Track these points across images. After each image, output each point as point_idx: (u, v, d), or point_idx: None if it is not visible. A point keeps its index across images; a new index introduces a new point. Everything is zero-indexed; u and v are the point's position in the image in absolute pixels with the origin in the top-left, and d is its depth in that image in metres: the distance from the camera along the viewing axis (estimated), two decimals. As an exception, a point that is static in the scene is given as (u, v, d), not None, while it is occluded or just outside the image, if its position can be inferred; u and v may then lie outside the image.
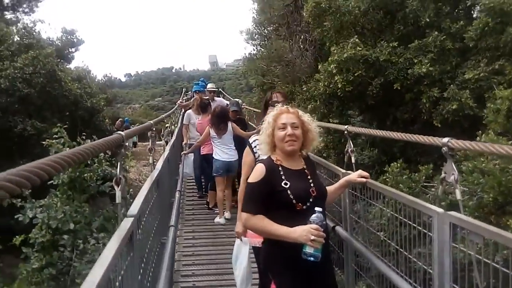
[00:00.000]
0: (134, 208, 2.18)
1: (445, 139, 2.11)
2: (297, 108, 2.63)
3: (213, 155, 6.15)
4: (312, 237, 2.07)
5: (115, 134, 1.94)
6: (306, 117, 2.43)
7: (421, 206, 2.16)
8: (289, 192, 2.23)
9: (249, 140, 3.09)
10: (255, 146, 2.97)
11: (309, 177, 2.38)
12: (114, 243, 1.64)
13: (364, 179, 2.66)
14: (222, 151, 6.08)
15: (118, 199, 1.98)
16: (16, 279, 6.55)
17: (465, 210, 2.55)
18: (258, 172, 2.31)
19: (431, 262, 2.16)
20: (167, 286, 2.85)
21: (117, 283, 1.60)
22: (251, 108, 13.25)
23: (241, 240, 3.24)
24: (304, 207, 2.22)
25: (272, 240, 2.29)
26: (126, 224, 1.91)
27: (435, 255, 2.06)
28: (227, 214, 6.28)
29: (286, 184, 2.25)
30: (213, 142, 6.20)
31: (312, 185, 2.35)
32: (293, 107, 2.49)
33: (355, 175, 2.70)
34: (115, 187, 1.95)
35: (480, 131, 6.02)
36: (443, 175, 2.16)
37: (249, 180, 2.33)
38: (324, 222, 2.18)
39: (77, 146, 5.31)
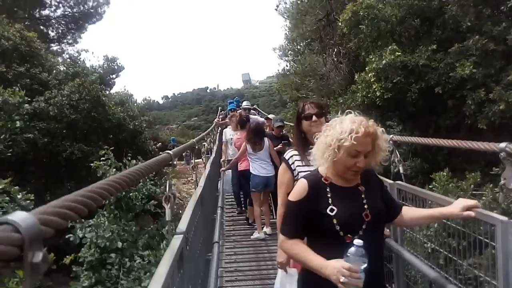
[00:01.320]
0: (182, 225, 2.21)
1: (503, 144, 2.00)
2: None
3: (251, 171, 6.17)
4: (343, 279, 1.63)
5: (163, 153, 1.99)
6: (379, 129, 1.90)
7: (481, 214, 2.04)
8: (335, 220, 1.80)
9: (285, 155, 2.61)
10: (292, 163, 2.55)
11: (363, 195, 1.91)
12: (166, 261, 1.66)
13: (472, 213, 1.86)
14: (260, 167, 6.09)
15: (168, 216, 2.02)
16: (67, 298, 6.76)
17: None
18: (299, 190, 1.91)
19: (491, 272, 2.04)
20: (215, 303, 2.84)
21: (170, 300, 1.61)
22: (292, 124, 12.98)
23: (285, 271, 2.63)
24: (356, 237, 1.74)
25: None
26: (176, 242, 1.93)
27: (500, 266, 1.94)
28: (268, 230, 6.25)
29: (332, 210, 1.81)
30: (249, 158, 6.23)
31: (366, 207, 1.86)
32: (372, 124, 1.86)
33: (458, 208, 1.88)
34: (165, 205, 1.98)
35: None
36: (502, 181, 2.04)
37: (290, 198, 1.94)
38: (365, 259, 1.64)
39: (123, 167, 5.48)
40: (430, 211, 2.10)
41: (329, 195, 1.86)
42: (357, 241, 1.69)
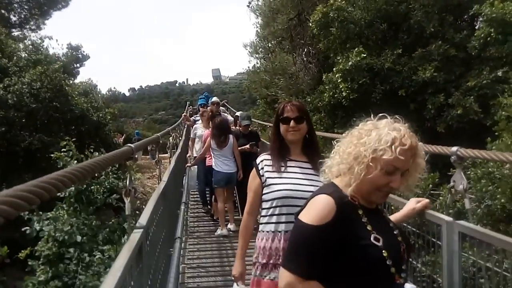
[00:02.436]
0: (143, 219, 2.19)
1: (454, 148, 2.10)
2: None
3: (213, 167, 6.19)
4: None
5: (125, 146, 1.97)
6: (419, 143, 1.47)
7: (430, 214, 2.15)
8: (385, 253, 1.35)
9: (257, 160, 2.37)
10: (262, 168, 2.29)
11: (391, 224, 1.53)
12: (124, 255, 1.65)
13: (420, 206, 1.96)
14: (223, 163, 6.11)
15: (127, 210, 2.00)
16: (21, 293, 6.54)
17: (473, 218, 2.54)
18: (322, 210, 1.36)
19: (438, 270, 2.15)
20: (174, 299, 2.84)
21: (127, 294, 1.61)
22: (261, 122, 12.62)
23: (237, 285, 2.36)
24: (402, 277, 1.39)
25: None
26: (135, 236, 1.92)
27: (444, 264, 2.05)
28: (231, 226, 6.26)
29: (377, 239, 1.35)
30: (213, 153, 6.22)
31: (400, 238, 1.47)
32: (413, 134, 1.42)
33: (411, 206, 1.97)
34: (125, 198, 1.96)
35: (489, 138, 6.02)
36: (451, 184, 2.14)
37: (305, 220, 1.37)
38: None
39: (85, 159, 5.35)
40: (396, 216, 1.94)
41: (364, 220, 1.39)
42: (410, 286, 1.38)
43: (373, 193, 1.42)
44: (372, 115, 1.47)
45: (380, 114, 1.47)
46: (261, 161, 2.34)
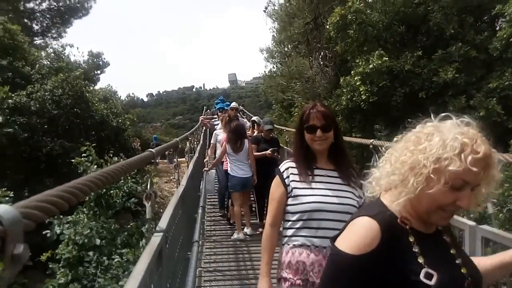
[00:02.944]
0: (163, 223, 2.22)
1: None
2: None
3: (229, 171, 6.22)
4: None
5: (146, 151, 2.00)
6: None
7: (452, 219, 2.12)
8: None
9: (280, 167, 2.15)
10: (287, 177, 2.08)
11: (452, 251, 1.21)
12: (145, 258, 1.68)
13: None
14: (238, 168, 6.14)
15: (148, 214, 2.03)
16: (42, 295, 6.67)
17: (495, 223, 2.49)
18: (364, 237, 1.11)
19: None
20: (193, 302, 2.85)
21: (148, 297, 1.63)
22: (277, 126, 12.33)
23: None
24: None
25: None
26: (155, 240, 1.95)
27: (467, 270, 2.01)
28: (248, 230, 6.28)
29: (429, 276, 1.08)
30: (228, 158, 6.25)
31: (463, 270, 1.17)
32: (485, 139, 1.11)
33: None
34: (145, 202, 1.99)
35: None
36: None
37: (343, 248, 1.13)
38: None
39: (104, 164, 5.43)
40: (500, 257, 1.40)
41: (416, 250, 1.12)
42: None
43: (434, 213, 1.12)
44: (432, 116, 1.17)
45: (443, 114, 1.16)
46: (286, 169, 2.12)
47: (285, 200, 2.06)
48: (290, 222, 2.04)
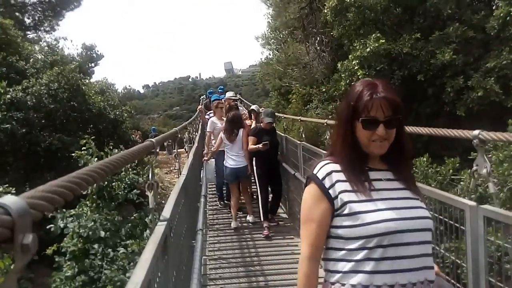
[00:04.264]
0: (166, 212, 2.23)
1: (476, 132, 2.05)
2: (315, 109, 1.90)
3: (224, 163, 6.24)
4: None
5: (146, 141, 2.00)
6: None
7: (452, 199, 2.13)
8: None
9: (315, 170, 1.49)
10: (332, 185, 1.44)
11: None
12: (150, 247, 1.68)
13: None
14: (231, 158, 6.18)
15: (151, 204, 2.03)
16: (50, 288, 6.72)
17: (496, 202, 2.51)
18: None
19: (462, 256, 2.12)
20: (199, 289, 2.88)
21: (155, 285, 1.64)
22: (288, 116, 11.01)
23: None
24: None
25: None
26: (160, 229, 1.95)
27: (469, 249, 2.03)
28: (250, 218, 6.34)
29: None
30: (225, 149, 6.26)
31: None
32: None
33: None
34: (148, 192, 2.00)
35: (511, 120, 5.89)
36: (474, 168, 2.09)
37: None
38: None
39: (105, 156, 5.44)
40: None
41: None
42: None
43: None
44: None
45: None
46: (328, 174, 1.45)
47: (330, 218, 1.43)
48: (343, 252, 1.40)
